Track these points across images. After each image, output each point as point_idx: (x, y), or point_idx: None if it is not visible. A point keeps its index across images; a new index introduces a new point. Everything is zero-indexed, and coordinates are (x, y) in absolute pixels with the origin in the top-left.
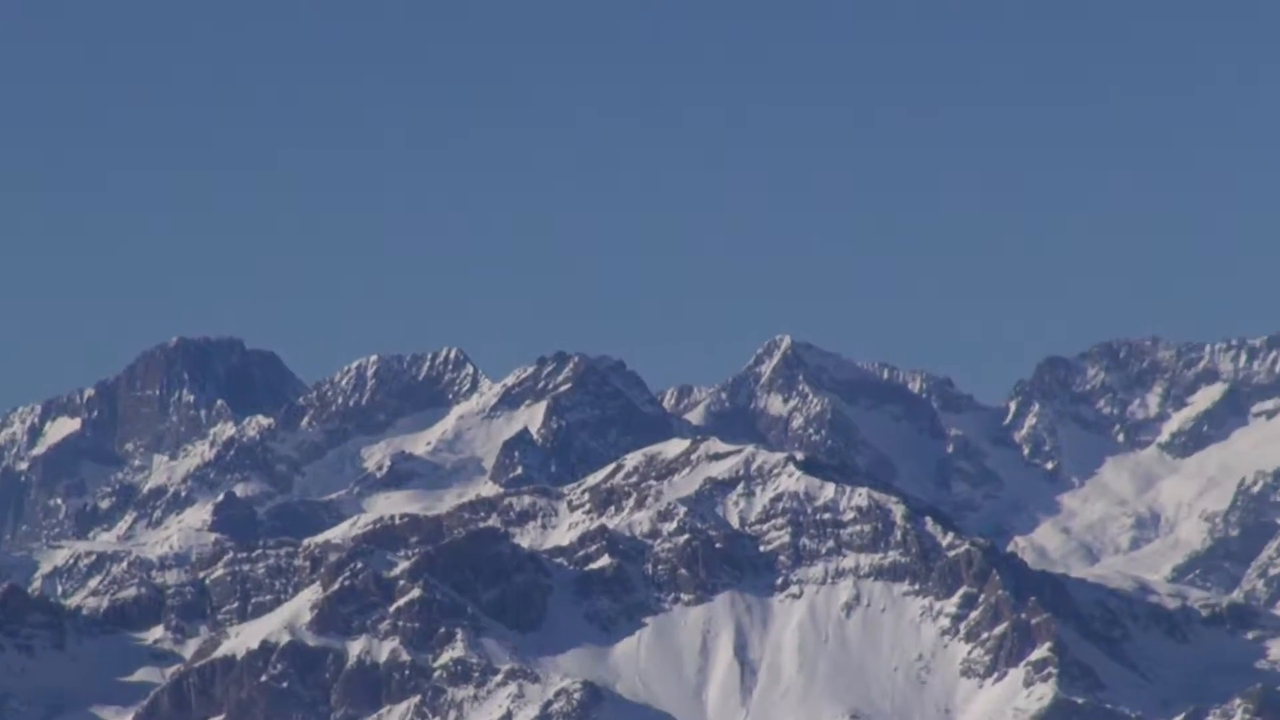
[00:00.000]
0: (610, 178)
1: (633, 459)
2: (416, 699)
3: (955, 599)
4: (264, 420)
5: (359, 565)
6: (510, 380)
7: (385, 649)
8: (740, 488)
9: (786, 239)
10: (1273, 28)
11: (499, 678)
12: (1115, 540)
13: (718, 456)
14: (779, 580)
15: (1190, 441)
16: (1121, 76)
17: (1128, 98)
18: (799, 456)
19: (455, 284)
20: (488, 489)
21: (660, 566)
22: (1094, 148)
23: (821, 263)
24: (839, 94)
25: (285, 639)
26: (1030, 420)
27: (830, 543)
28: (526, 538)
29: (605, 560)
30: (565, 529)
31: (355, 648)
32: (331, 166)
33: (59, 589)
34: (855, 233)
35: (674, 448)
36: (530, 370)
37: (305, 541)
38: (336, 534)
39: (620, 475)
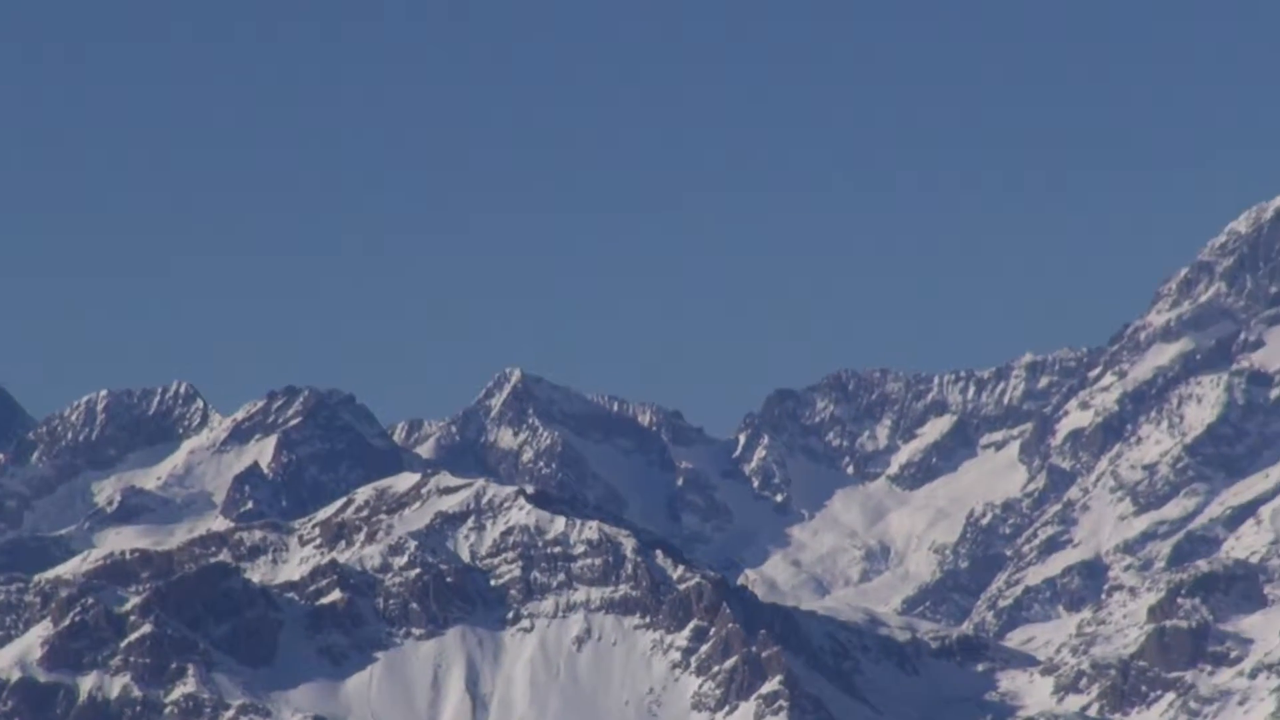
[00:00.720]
0: (331, 211)
1: (363, 493)
2: None
3: (686, 632)
4: None
5: (90, 601)
6: (240, 415)
7: (117, 685)
8: (471, 521)
9: (515, 273)
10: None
11: (231, 713)
12: (845, 572)
13: (448, 490)
14: (510, 614)
15: (919, 473)
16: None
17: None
18: (529, 490)
19: (185, 318)
20: (218, 524)
21: (391, 601)
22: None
23: (551, 296)
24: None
25: (16, 675)
26: (759, 453)
27: (561, 576)
28: (257, 572)
29: (336, 595)
30: (296, 563)
31: (86, 684)
32: (51, 195)
33: None
34: (583, 266)
35: (404, 481)
36: (260, 404)
37: (36, 577)
38: (67, 569)
39: (351, 509)
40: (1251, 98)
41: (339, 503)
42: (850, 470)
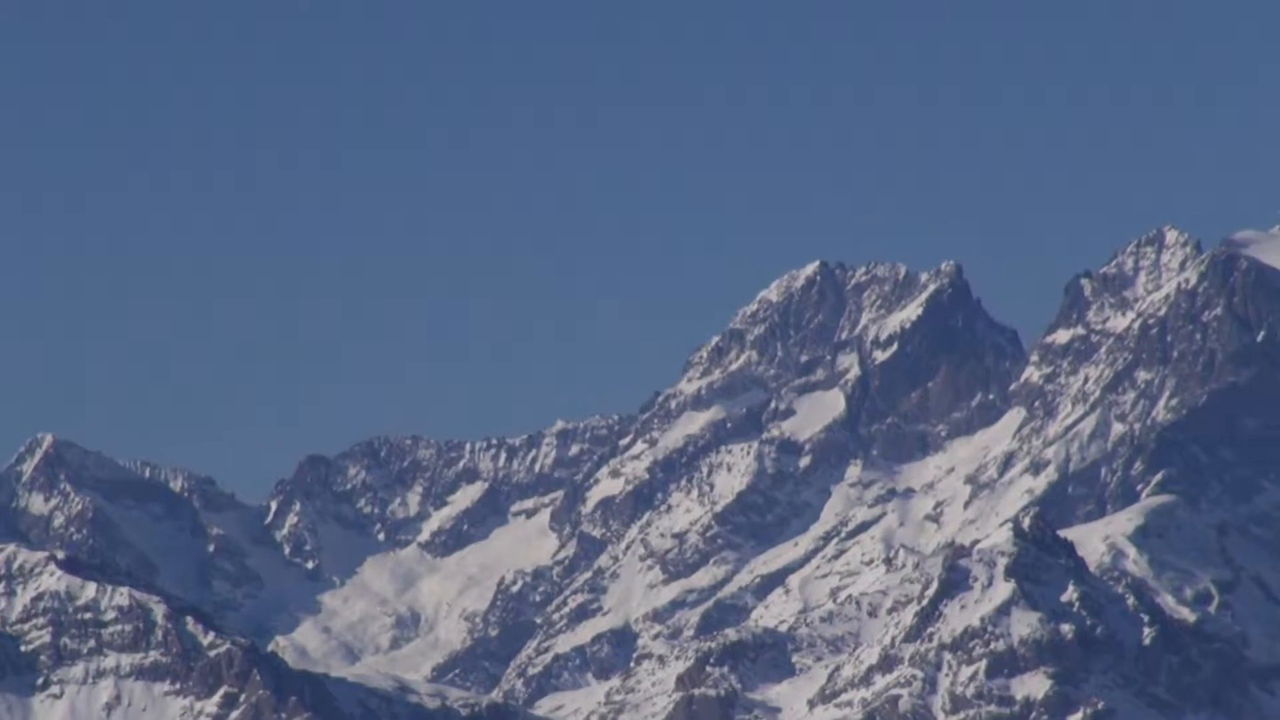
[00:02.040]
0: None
1: None
2: None
3: (216, 698)
4: None
5: None
6: None
7: None
8: (1, 587)
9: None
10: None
11: None
12: (375, 639)
13: None
14: (40, 680)
15: (450, 540)
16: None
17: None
18: (60, 555)
19: None
20: None
21: None
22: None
23: (82, 361)
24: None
25: None
26: (291, 519)
27: (91, 642)
28: None
29: None
30: None
31: None
32: None
33: None
34: (114, 331)
35: None
36: None
37: None
38: None
39: None
40: (779, 166)
41: None
42: (381, 537)
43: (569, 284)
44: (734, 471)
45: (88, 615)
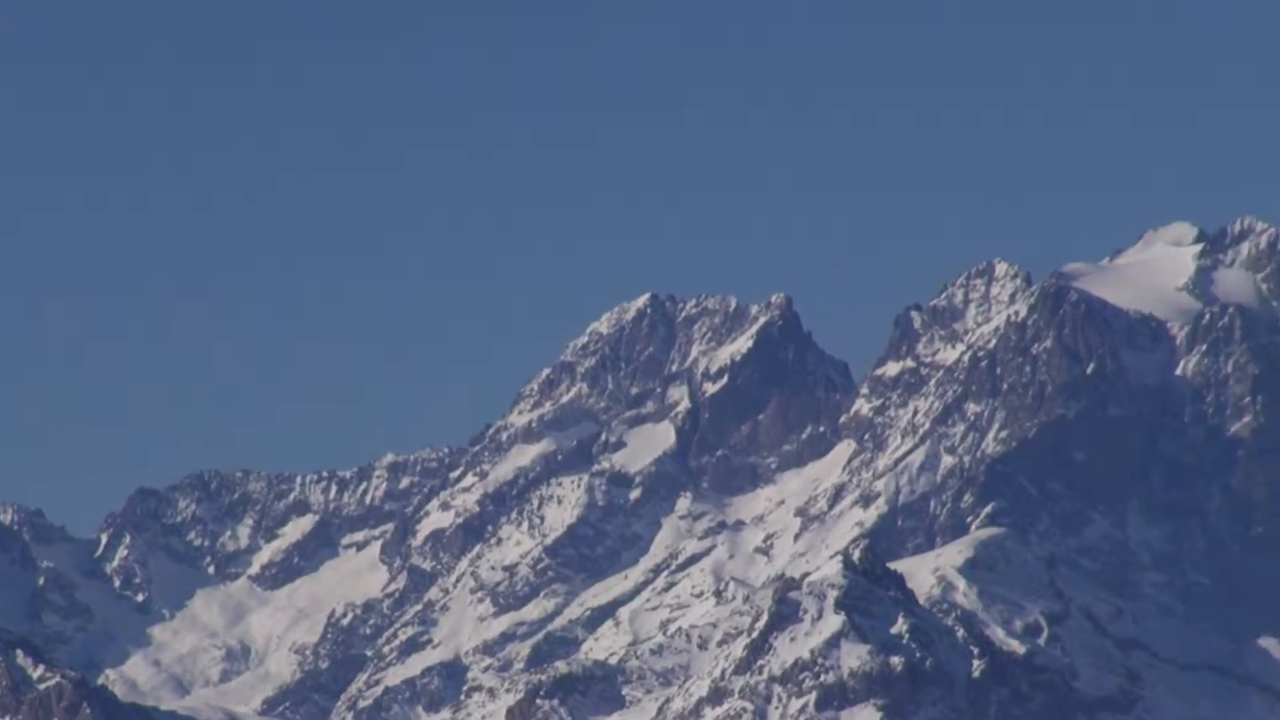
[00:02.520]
0: None
1: None
2: None
3: None
4: None
5: None
6: None
7: None
8: None
9: None
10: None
11: None
12: (205, 672)
13: None
14: None
15: (281, 573)
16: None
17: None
18: None
19: None
20: None
21: None
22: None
23: None
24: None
25: None
26: (121, 552)
27: None
28: None
29: None
30: None
31: None
32: None
33: None
34: None
35: None
36: None
37: None
38: None
39: None
40: (610, 198)
41: None
42: (211, 570)
43: (399, 316)
44: (564, 504)
45: None
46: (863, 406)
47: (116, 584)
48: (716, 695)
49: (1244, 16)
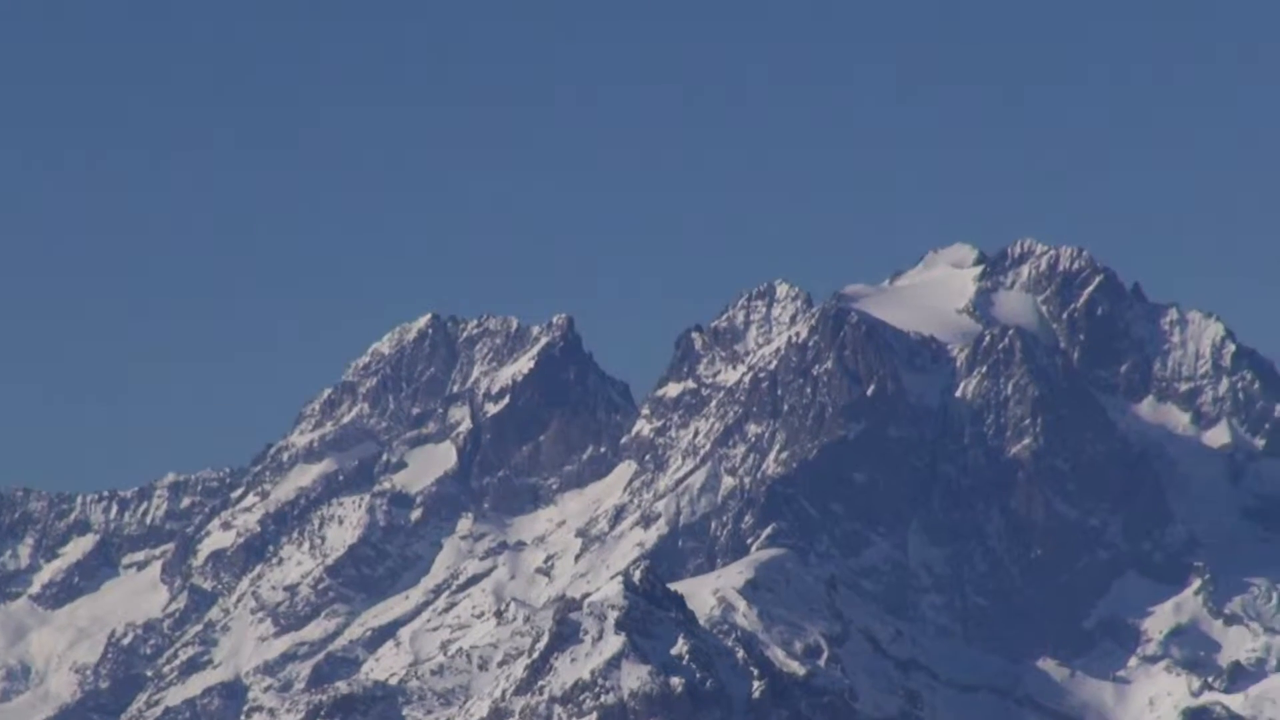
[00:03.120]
0: None
1: None
2: None
3: None
4: None
5: None
6: None
7: None
8: None
9: None
10: None
11: None
12: None
13: None
14: None
15: (61, 593)
16: None
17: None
18: None
19: None
20: None
21: None
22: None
23: None
24: None
25: None
26: None
27: None
28: None
29: None
30: None
31: None
32: None
33: None
34: None
35: None
36: None
37: None
38: None
39: None
40: (390, 219)
41: None
42: None
43: (179, 336)
44: (345, 524)
45: None
46: (644, 427)
47: None
48: (497, 716)
49: (1026, 38)
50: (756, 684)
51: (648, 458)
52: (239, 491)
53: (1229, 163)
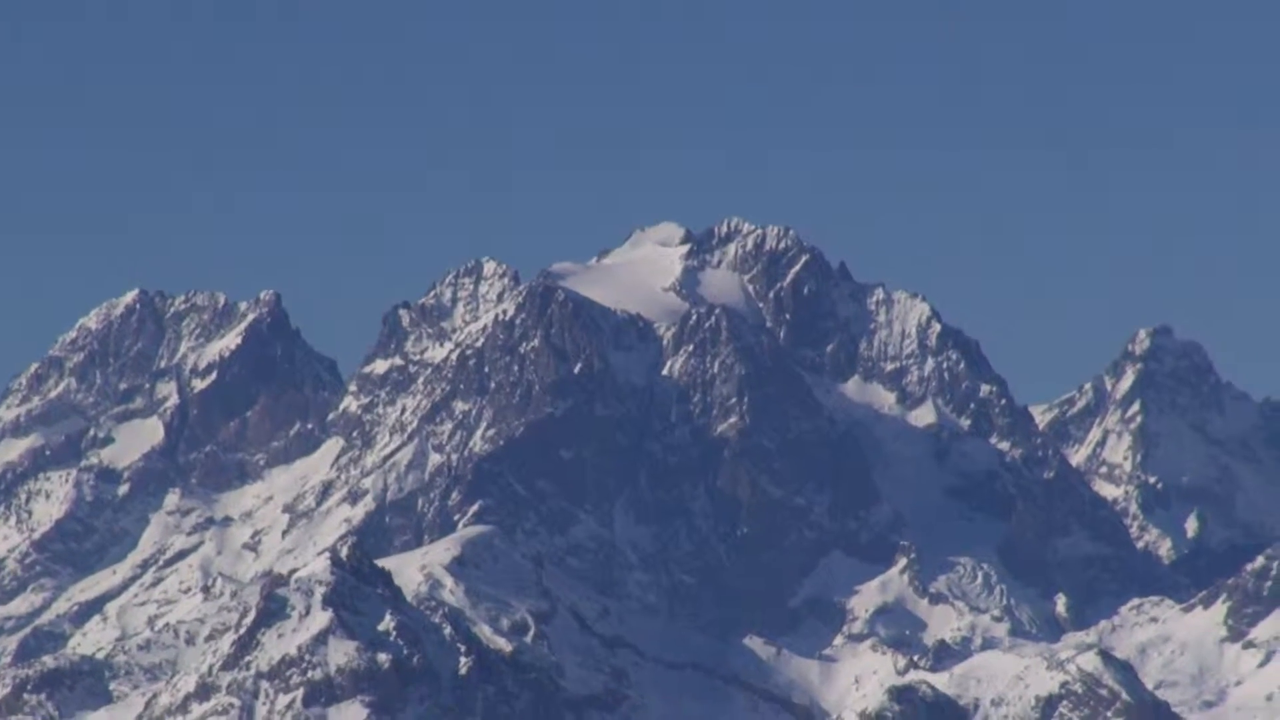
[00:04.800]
0: None
1: None
2: None
3: None
4: None
5: None
6: None
7: None
8: None
9: None
10: None
11: None
12: None
13: None
14: None
15: None
16: None
17: None
18: None
19: None
20: None
21: None
22: None
23: None
24: None
25: None
26: None
27: None
28: None
29: None
30: None
31: None
32: None
33: None
34: None
35: None
36: None
37: None
38: None
39: None
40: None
41: None
42: None
43: None
44: (52, 499)
45: None
46: (351, 404)
47: None
48: (204, 691)
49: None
50: (463, 660)
51: (355, 434)
52: None
53: (931, 143)
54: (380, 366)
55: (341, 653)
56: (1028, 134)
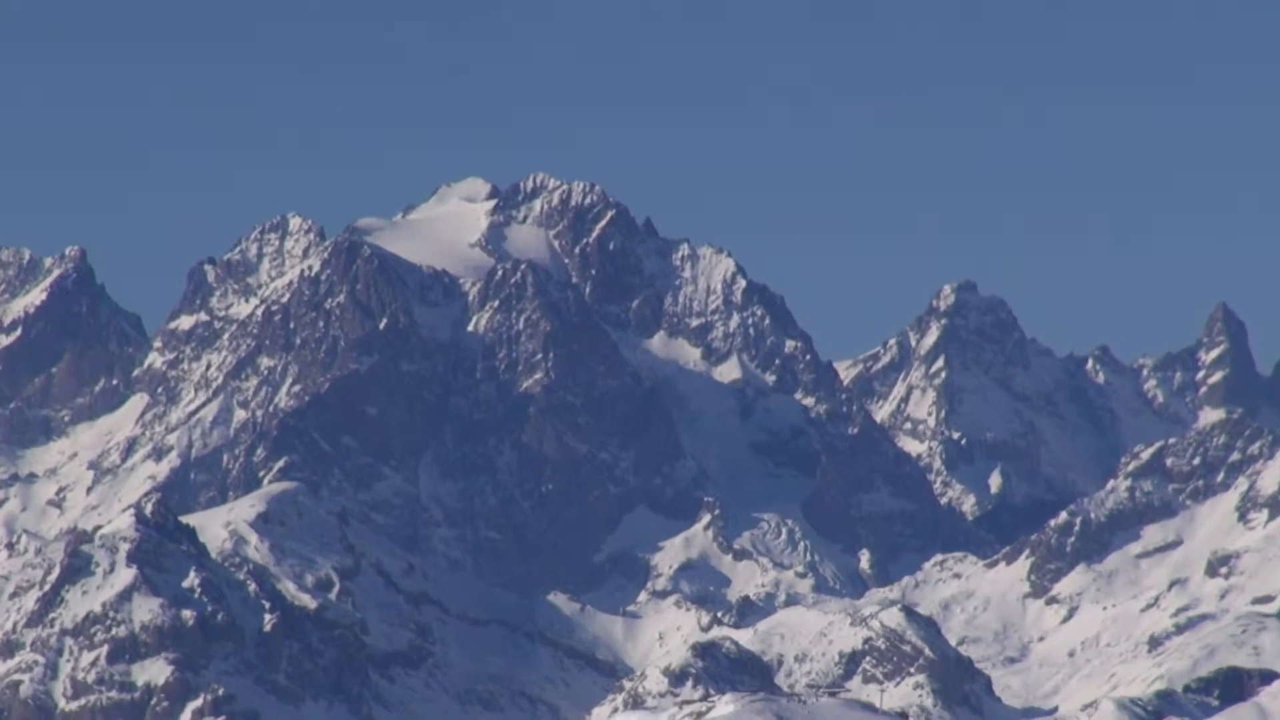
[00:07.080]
0: None
1: None
2: None
3: None
4: None
5: None
6: None
7: None
8: None
9: None
10: None
11: None
12: None
13: None
14: None
15: None
16: None
17: None
18: None
19: None
20: None
21: None
22: None
23: None
24: None
25: None
26: None
27: None
28: None
29: None
30: None
31: None
32: None
33: None
34: None
35: None
36: None
37: None
38: None
39: None
40: None
41: None
42: None
43: None
44: None
45: None
46: (156, 360)
47: None
48: (8, 648)
49: None
50: (268, 617)
51: (160, 390)
52: None
53: (738, 99)
54: (185, 322)
55: (146, 609)
56: (837, 90)
